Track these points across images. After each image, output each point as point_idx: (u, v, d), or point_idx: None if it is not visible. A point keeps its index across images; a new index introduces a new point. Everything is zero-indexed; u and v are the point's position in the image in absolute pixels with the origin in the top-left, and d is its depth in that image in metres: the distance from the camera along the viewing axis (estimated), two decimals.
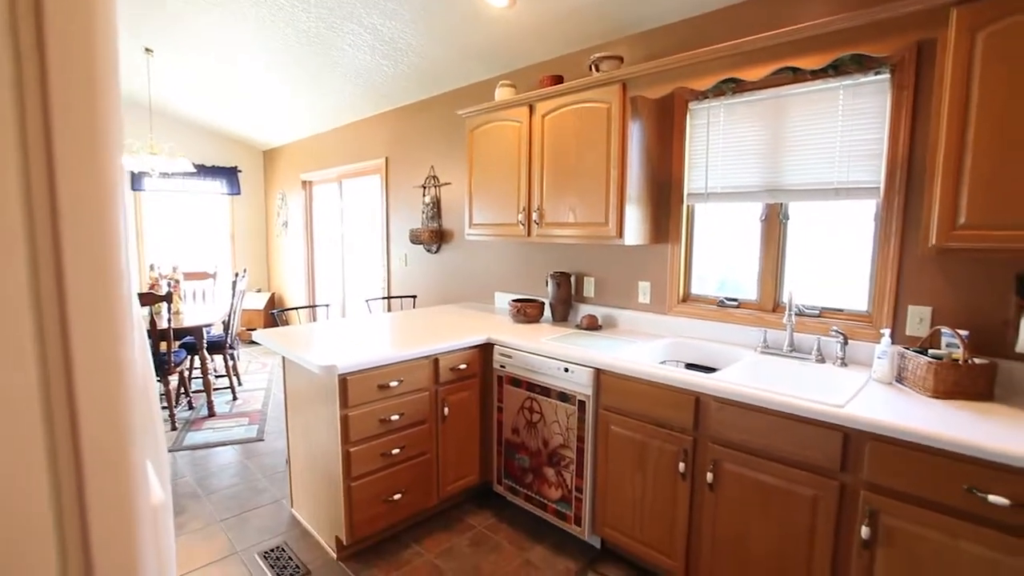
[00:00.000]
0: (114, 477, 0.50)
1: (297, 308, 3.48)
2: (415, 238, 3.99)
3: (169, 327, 3.57)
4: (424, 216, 4.06)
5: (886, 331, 1.84)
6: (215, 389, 4.31)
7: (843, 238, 2.19)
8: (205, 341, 3.99)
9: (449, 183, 3.87)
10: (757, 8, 2.24)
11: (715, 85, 2.23)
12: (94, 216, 0.47)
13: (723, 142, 2.40)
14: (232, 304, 4.32)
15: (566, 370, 2.28)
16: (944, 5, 1.56)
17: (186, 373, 4.16)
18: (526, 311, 2.94)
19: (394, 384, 2.27)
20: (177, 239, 5.97)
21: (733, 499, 1.81)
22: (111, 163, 0.48)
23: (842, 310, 2.17)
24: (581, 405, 2.23)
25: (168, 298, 3.59)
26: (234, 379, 4.55)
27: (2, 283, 0.44)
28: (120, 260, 0.49)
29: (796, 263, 2.31)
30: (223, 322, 4.32)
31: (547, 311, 3.20)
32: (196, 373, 4.69)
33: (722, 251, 2.56)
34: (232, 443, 3.47)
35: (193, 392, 4.43)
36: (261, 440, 3.52)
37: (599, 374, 2.18)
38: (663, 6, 2.41)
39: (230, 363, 4.40)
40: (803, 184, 2.17)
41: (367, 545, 2.35)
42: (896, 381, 1.83)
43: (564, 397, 2.30)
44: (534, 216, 2.78)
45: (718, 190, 2.44)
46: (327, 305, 3.69)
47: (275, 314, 3.20)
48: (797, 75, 2.12)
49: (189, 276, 5.26)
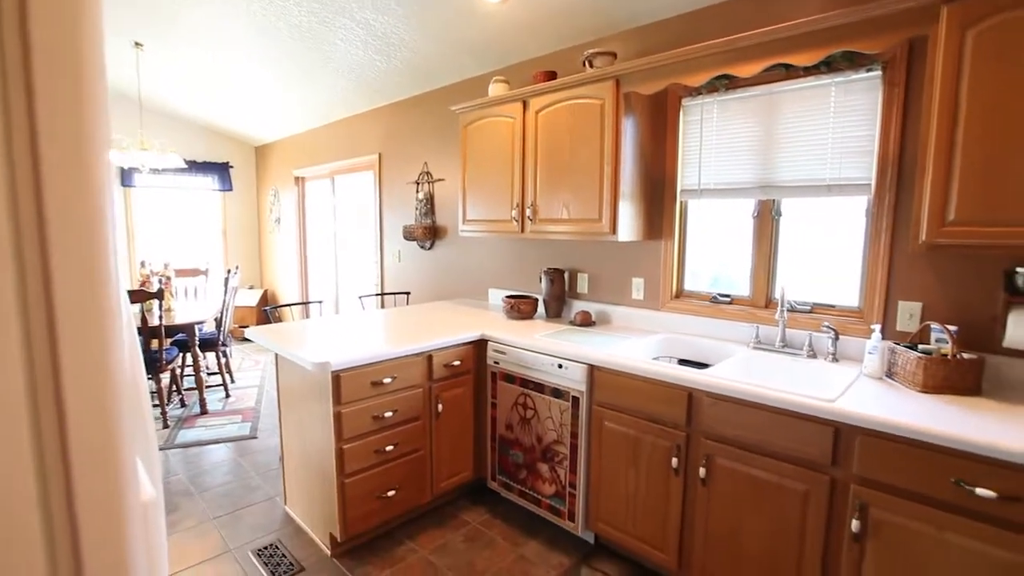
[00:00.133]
0: (103, 476, 0.50)
1: (290, 305, 3.46)
2: (408, 234, 3.98)
3: (160, 324, 3.54)
4: (417, 212, 4.05)
5: (876, 326, 1.85)
6: (207, 387, 4.28)
7: (835, 235, 2.20)
8: (197, 338, 3.97)
9: (443, 179, 3.86)
10: (750, 4, 2.24)
11: (708, 81, 2.23)
12: (81, 219, 0.47)
13: (716, 138, 2.41)
14: (224, 301, 4.29)
15: (560, 366, 2.28)
16: (935, 3, 1.56)
17: (178, 371, 4.13)
18: (520, 307, 2.94)
19: (387, 381, 2.26)
20: (168, 235, 5.91)
21: (726, 494, 1.82)
22: (98, 165, 0.47)
23: (833, 306, 2.19)
24: (575, 401, 2.24)
25: (159, 295, 3.56)
26: (227, 376, 4.52)
27: None
28: (108, 262, 0.49)
29: (788, 259, 2.32)
30: (215, 319, 4.29)
31: (541, 307, 3.20)
32: (188, 371, 4.67)
33: (715, 247, 2.57)
34: (225, 441, 3.46)
35: (185, 390, 4.40)
36: (254, 438, 3.51)
37: (592, 370, 2.19)
38: (656, 2, 2.41)
39: (222, 360, 4.37)
40: (795, 180, 2.18)
41: (361, 542, 2.36)
42: (886, 376, 1.85)
43: (558, 393, 2.30)
44: (528, 212, 2.78)
45: (711, 186, 2.44)
46: (320, 302, 3.67)
47: (268, 311, 3.18)
48: (790, 72, 2.13)
49: (181, 273, 5.22)
